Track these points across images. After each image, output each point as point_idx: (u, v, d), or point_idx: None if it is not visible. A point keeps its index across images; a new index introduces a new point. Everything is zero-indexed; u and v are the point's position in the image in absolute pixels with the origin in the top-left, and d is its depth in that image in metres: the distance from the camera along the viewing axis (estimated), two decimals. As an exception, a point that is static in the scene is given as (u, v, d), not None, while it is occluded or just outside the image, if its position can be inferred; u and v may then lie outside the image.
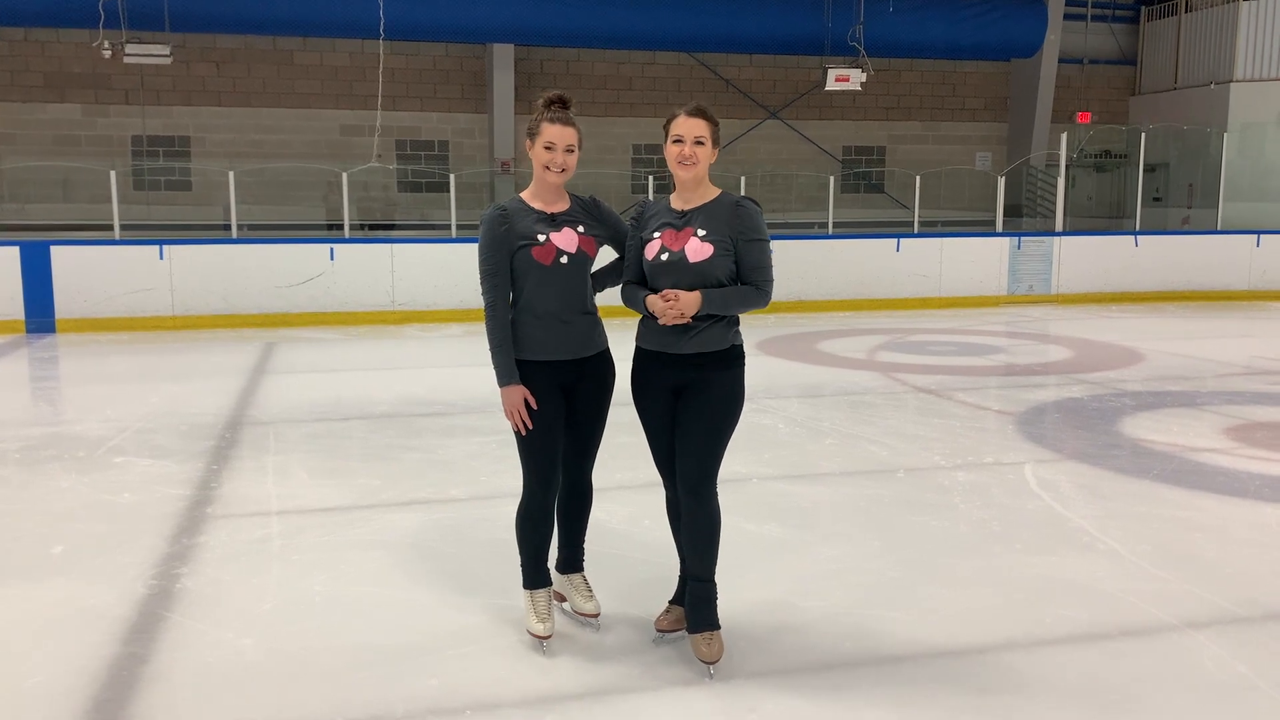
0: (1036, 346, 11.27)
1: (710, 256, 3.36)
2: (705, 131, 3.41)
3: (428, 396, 8.23)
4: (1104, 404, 7.85)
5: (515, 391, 3.45)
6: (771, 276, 3.45)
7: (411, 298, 12.88)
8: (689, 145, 3.41)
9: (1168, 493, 5.54)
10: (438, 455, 6.35)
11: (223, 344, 11.07)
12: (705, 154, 3.42)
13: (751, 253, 3.41)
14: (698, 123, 3.41)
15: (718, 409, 3.43)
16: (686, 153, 3.41)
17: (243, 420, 7.35)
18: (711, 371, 3.42)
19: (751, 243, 3.40)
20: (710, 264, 3.37)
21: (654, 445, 3.61)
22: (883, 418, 7.45)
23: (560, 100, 3.55)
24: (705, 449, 3.43)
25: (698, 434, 3.42)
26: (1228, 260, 15.53)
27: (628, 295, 3.56)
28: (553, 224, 3.51)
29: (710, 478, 3.44)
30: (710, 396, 3.42)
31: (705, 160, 3.43)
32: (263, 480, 5.79)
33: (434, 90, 17.08)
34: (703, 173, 3.45)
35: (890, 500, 5.42)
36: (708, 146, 3.42)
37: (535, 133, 3.50)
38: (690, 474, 3.43)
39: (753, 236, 3.40)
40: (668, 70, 17.84)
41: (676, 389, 3.47)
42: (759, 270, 3.42)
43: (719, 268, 3.38)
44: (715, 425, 3.43)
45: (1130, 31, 19.78)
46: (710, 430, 3.43)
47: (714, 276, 3.37)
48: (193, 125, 16.26)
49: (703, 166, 3.43)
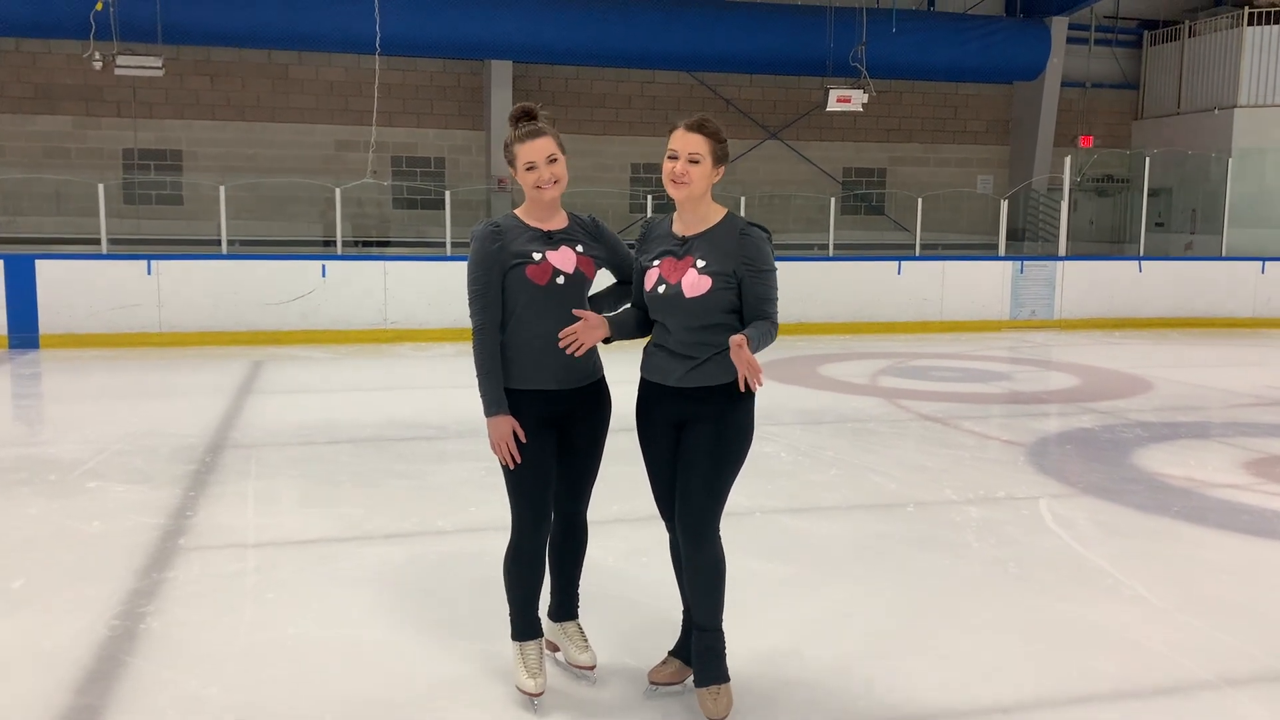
0: (1041, 373, 11.04)
1: (708, 291, 3.09)
2: (702, 148, 3.11)
3: (417, 419, 7.96)
4: (1116, 435, 7.61)
5: (503, 422, 3.19)
6: (776, 302, 3.18)
7: (404, 316, 12.62)
8: (682, 162, 3.12)
9: (1190, 531, 5.28)
10: (425, 482, 6.08)
11: (209, 362, 10.80)
12: (700, 173, 3.10)
13: (758, 285, 3.12)
14: (693, 138, 3.11)
15: (721, 447, 3.15)
16: (679, 170, 3.12)
17: (225, 443, 7.07)
18: (716, 406, 3.15)
19: (758, 275, 3.12)
20: (707, 299, 3.09)
21: (654, 483, 3.35)
22: (888, 446, 7.19)
23: (525, 114, 3.29)
24: (705, 490, 3.15)
25: (698, 473, 3.15)
26: (1232, 287, 15.33)
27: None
28: (549, 242, 3.26)
29: (710, 521, 3.17)
30: (713, 433, 3.15)
31: (701, 180, 3.11)
32: (241, 508, 5.52)
33: (431, 106, 16.88)
34: (698, 193, 3.14)
35: (900, 537, 5.16)
36: (705, 165, 3.10)
37: (512, 157, 3.25)
38: (689, 517, 3.16)
39: (760, 268, 3.12)
40: (667, 89, 17.67)
41: (679, 423, 3.21)
42: (767, 303, 3.14)
43: (718, 302, 3.10)
44: (717, 465, 3.15)
45: (1132, 56, 19.66)
46: (712, 470, 3.15)
47: (712, 312, 3.10)
48: (185, 139, 16.03)
49: (698, 186, 3.12)
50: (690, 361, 3.15)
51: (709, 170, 3.13)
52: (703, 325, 3.13)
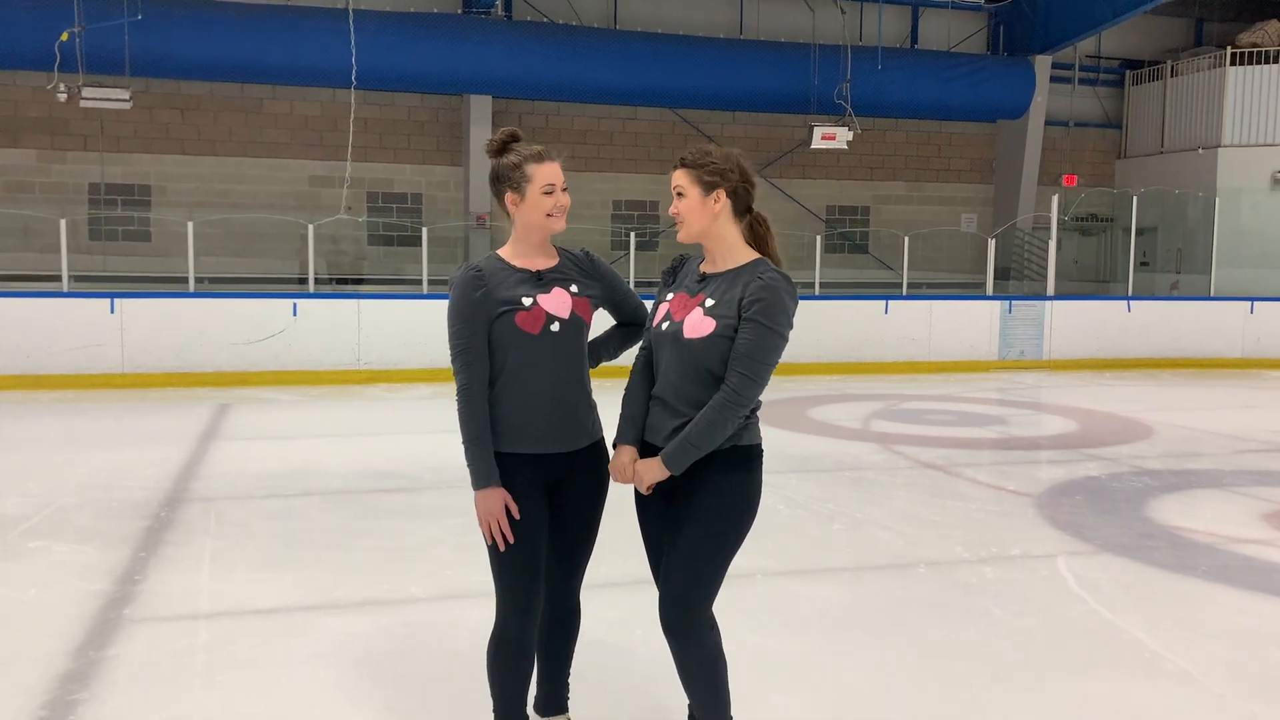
0: (1037, 416, 10.72)
1: (709, 335, 2.70)
2: (684, 180, 2.78)
3: (389, 468, 7.50)
4: (1125, 484, 7.26)
5: (494, 496, 2.78)
6: (759, 373, 2.68)
7: (378, 356, 12.17)
8: (674, 201, 2.81)
9: (1223, 595, 4.91)
10: (397, 542, 5.63)
11: (173, 405, 10.30)
12: (690, 207, 2.76)
13: (747, 334, 2.66)
14: (676, 174, 2.81)
15: (713, 524, 2.73)
16: (672, 210, 2.82)
17: (183, 496, 6.60)
18: (708, 474, 2.73)
19: (753, 324, 2.66)
20: (707, 344, 2.70)
21: (650, 557, 2.94)
22: (890, 498, 6.81)
23: (514, 138, 2.90)
24: (690, 577, 2.72)
25: (682, 557, 2.73)
26: (1221, 327, 15.15)
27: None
28: (540, 284, 2.87)
29: (694, 611, 2.73)
30: (705, 507, 2.73)
31: (694, 214, 2.77)
32: (196, 573, 5.05)
33: (408, 141, 16.53)
34: (697, 229, 2.78)
35: (914, 602, 4.76)
36: (691, 198, 2.76)
37: (523, 180, 2.83)
38: (669, 609, 2.74)
39: (759, 315, 2.66)
40: (649, 125, 17.41)
41: (669, 491, 2.80)
42: (744, 361, 2.66)
43: (717, 350, 2.69)
44: (706, 547, 2.73)
45: (1115, 95, 19.62)
46: (699, 553, 2.72)
47: (709, 359, 2.70)
48: (154, 173, 15.57)
49: (693, 222, 2.78)
50: (680, 419, 2.75)
51: (698, 203, 2.77)
52: (698, 374, 2.73)
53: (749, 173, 2.82)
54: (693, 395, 2.73)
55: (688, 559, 2.72)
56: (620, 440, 2.87)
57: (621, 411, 2.90)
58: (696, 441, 2.68)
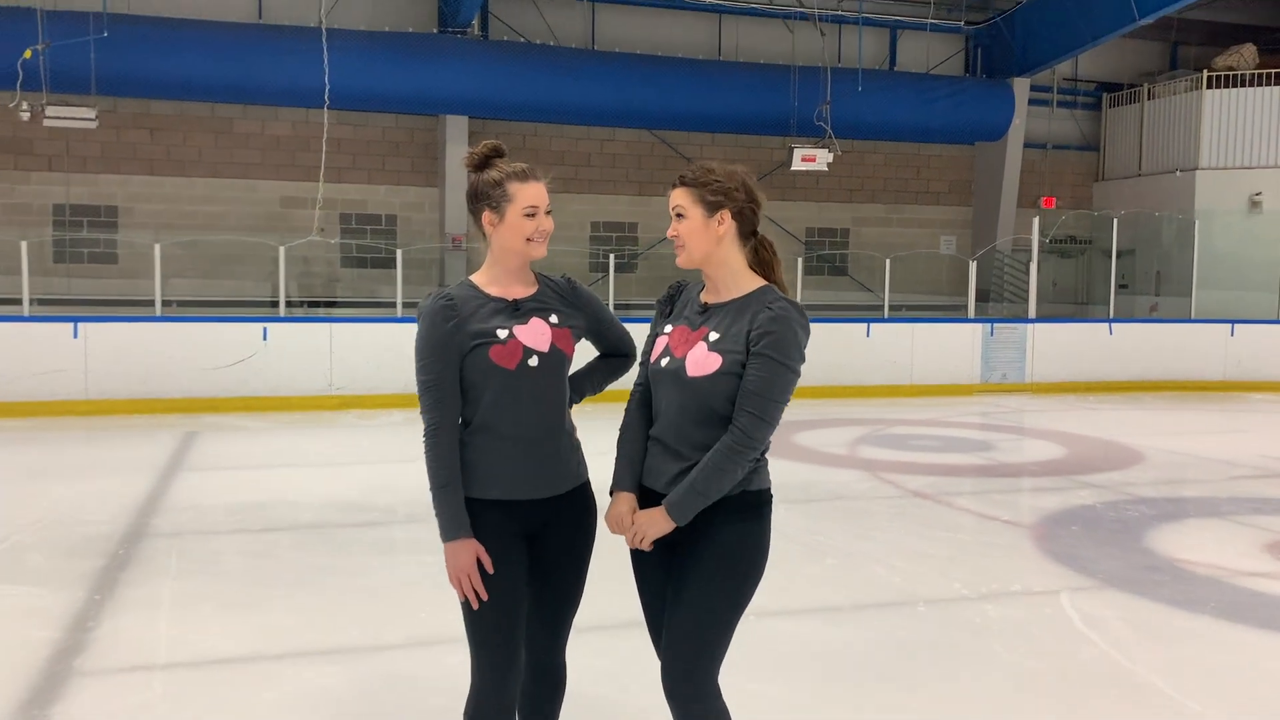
0: (1025, 442, 10.56)
1: (714, 372, 2.46)
2: (684, 200, 2.54)
3: (362, 500, 7.20)
4: (1121, 513, 7.08)
5: (466, 549, 2.52)
6: (770, 412, 2.44)
7: (351, 381, 11.86)
8: (673, 223, 2.57)
9: (1236, 634, 4.71)
10: (370, 581, 5.34)
11: (138, 433, 9.95)
12: (690, 230, 2.53)
13: (756, 369, 2.43)
14: (675, 194, 2.57)
15: (719, 580, 2.48)
16: (670, 232, 2.58)
17: (144, 532, 6.28)
18: (715, 524, 2.48)
19: (761, 359, 2.43)
20: (713, 382, 2.45)
21: (648, 616, 2.68)
22: (882, 530, 6.58)
23: (497, 153, 2.66)
24: (697, 639, 2.46)
25: (687, 616, 2.47)
26: (1202, 349, 15.07)
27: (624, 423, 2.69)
28: (516, 314, 2.62)
29: (702, 679, 2.47)
30: (711, 560, 2.47)
31: (695, 237, 2.53)
32: (154, 617, 4.74)
33: (382, 162, 16.26)
34: (699, 254, 2.54)
35: (916, 644, 4.53)
36: (693, 220, 2.52)
37: (503, 199, 2.59)
38: (674, 675, 2.48)
39: (769, 349, 2.43)
40: (627, 147, 17.24)
41: (669, 542, 2.54)
42: (753, 399, 2.42)
43: (723, 388, 2.45)
44: (713, 604, 2.47)
45: (1092, 118, 19.66)
46: (706, 611, 2.47)
47: (715, 399, 2.46)
48: (121, 194, 15.22)
49: (695, 246, 2.54)
50: (683, 463, 2.51)
51: (700, 225, 2.53)
52: (702, 415, 2.49)
53: (755, 191, 2.60)
54: (697, 437, 2.49)
55: (694, 621, 2.47)
56: (617, 486, 2.62)
57: (617, 454, 2.66)
58: (703, 489, 2.44)
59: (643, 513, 2.52)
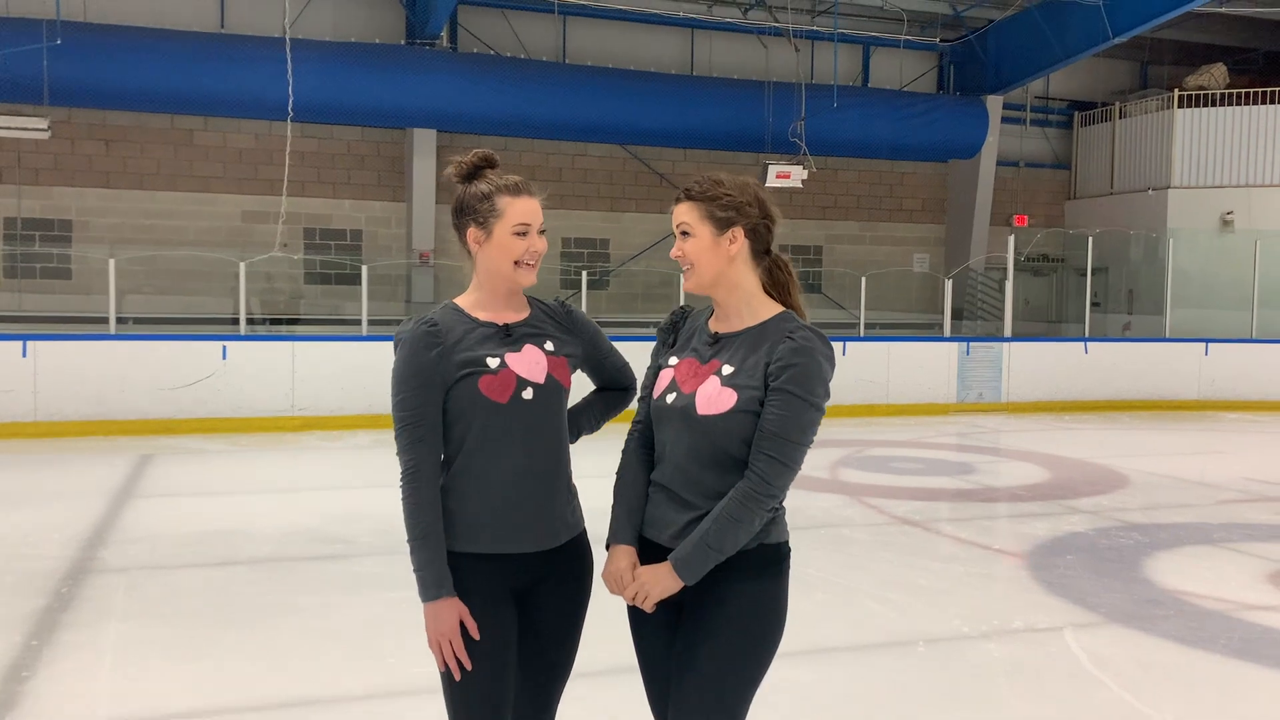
0: (1007, 464, 10.35)
1: (729, 411, 2.17)
2: (690, 216, 2.27)
3: (326, 529, 6.83)
4: (1114, 540, 6.86)
5: (448, 610, 2.21)
6: (792, 455, 2.17)
7: (314, 402, 11.46)
8: (677, 241, 2.29)
9: (1252, 674, 4.47)
10: (333, 621, 4.98)
11: (90, 457, 9.50)
12: (698, 249, 2.25)
13: (776, 408, 2.15)
14: (679, 209, 2.30)
15: (734, 646, 2.19)
16: (675, 252, 2.30)
17: (91, 566, 5.88)
18: (729, 583, 2.20)
19: (781, 395, 2.15)
20: (727, 422, 2.17)
21: (647, 684, 2.37)
22: (873, 560, 6.31)
23: (488, 163, 2.37)
24: (705, 712, 2.18)
25: (695, 686, 2.19)
26: (1177, 368, 15.01)
27: (622, 464, 2.38)
28: (508, 341, 2.32)
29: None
30: (724, 623, 2.19)
31: (704, 257, 2.25)
32: (96, 665, 4.36)
33: (348, 176, 15.87)
34: (709, 276, 2.27)
35: (917, 688, 4.25)
36: (701, 237, 2.25)
37: (491, 214, 2.30)
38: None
39: (786, 384, 2.15)
40: (599, 162, 16.97)
41: (676, 602, 2.25)
42: (772, 440, 2.14)
43: (739, 428, 2.17)
44: (728, 674, 2.19)
45: (1064, 136, 19.66)
46: (720, 681, 2.18)
47: (729, 440, 2.18)
48: (76, 208, 14.72)
49: (704, 267, 2.26)
50: (692, 512, 2.22)
51: (710, 244, 2.26)
52: (714, 458, 2.21)
53: (769, 206, 2.31)
54: (708, 484, 2.20)
55: (704, 696, 2.17)
56: (615, 539, 2.31)
57: (614, 502, 2.36)
58: (716, 543, 2.14)
59: (646, 569, 2.22)
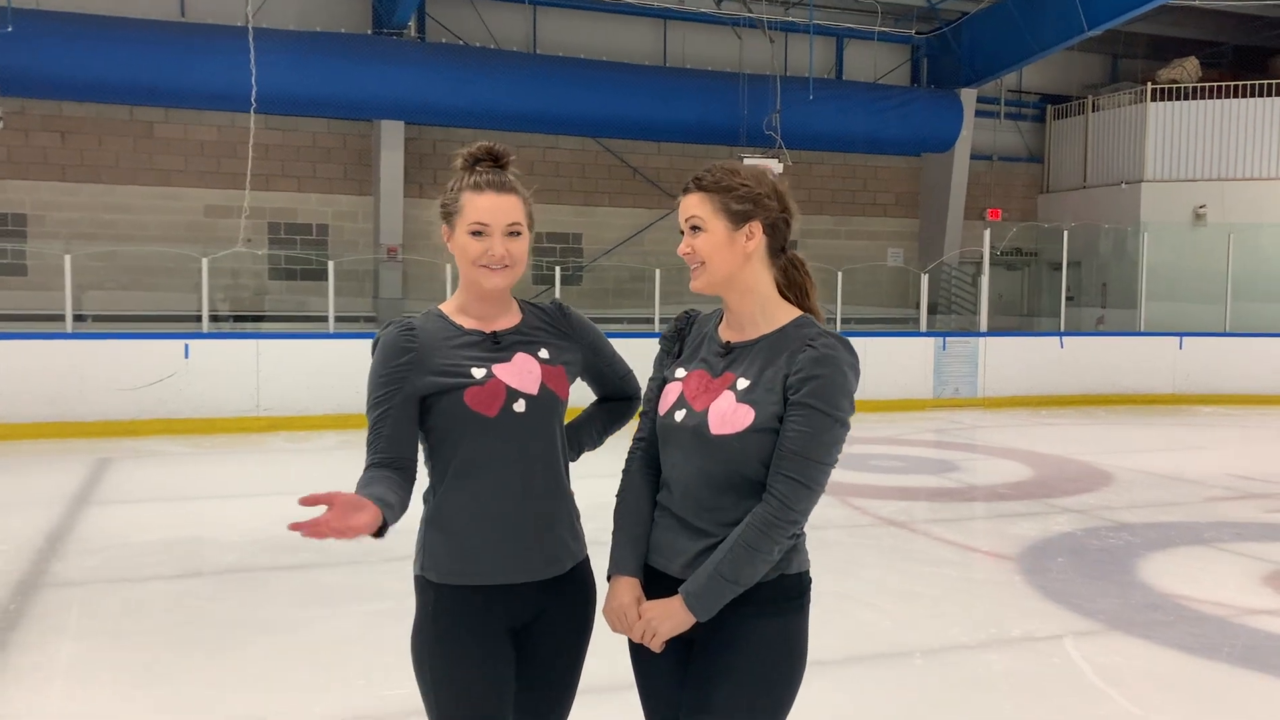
0: (987, 461, 10.22)
1: (745, 429, 1.95)
2: (703, 209, 2.02)
3: (292, 536, 6.51)
4: (1105, 541, 6.72)
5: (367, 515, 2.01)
6: (815, 476, 1.94)
7: (279, 402, 11.14)
8: (685, 237, 2.05)
9: (1262, 684, 4.31)
10: (300, 638, 4.72)
11: (45, 461, 9.15)
12: (710, 245, 2.01)
13: (797, 423, 1.93)
14: (689, 200, 2.05)
15: (754, 688, 1.98)
16: (683, 249, 2.06)
17: (42, 580, 5.57)
18: (746, 617, 1.99)
19: (802, 409, 1.92)
20: (744, 442, 1.95)
21: (648, 714, 2.16)
22: (862, 565, 6.12)
23: (490, 155, 2.13)
24: None
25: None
26: (1151, 363, 15.01)
27: (622, 485, 2.15)
28: (497, 349, 2.10)
29: None
30: (742, 661, 1.97)
31: (717, 255, 2.01)
32: (44, 692, 4.08)
33: (313, 169, 15.49)
34: (721, 276, 2.03)
35: (919, 704, 4.05)
36: (715, 233, 2.01)
37: (454, 212, 2.09)
38: None
39: (808, 397, 1.92)
40: (571, 155, 16.70)
41: (686, 639, 2.03)
42: (793, 460, 1.92)
43: (756, 448, 1.95)
44: (742, 717, 1.97)
45: (1037, 130, 19.61)
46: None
47: (746, 461, 1.95)
48: (30, 201, 14.25)
49: (719, 268, 2.02)
50: (705, 540, 2.00)
51: (724, 239, 2.02)
52: (729, 481, 1.98)
53: (788, 199, 2.08)
54: (722, 509, 1.98)
55: None
56: (617, 570, 2.08)
57: (616, 528, 2.13)
58: (731, 574, 1.92)
59: (653, 604, 1.99)
